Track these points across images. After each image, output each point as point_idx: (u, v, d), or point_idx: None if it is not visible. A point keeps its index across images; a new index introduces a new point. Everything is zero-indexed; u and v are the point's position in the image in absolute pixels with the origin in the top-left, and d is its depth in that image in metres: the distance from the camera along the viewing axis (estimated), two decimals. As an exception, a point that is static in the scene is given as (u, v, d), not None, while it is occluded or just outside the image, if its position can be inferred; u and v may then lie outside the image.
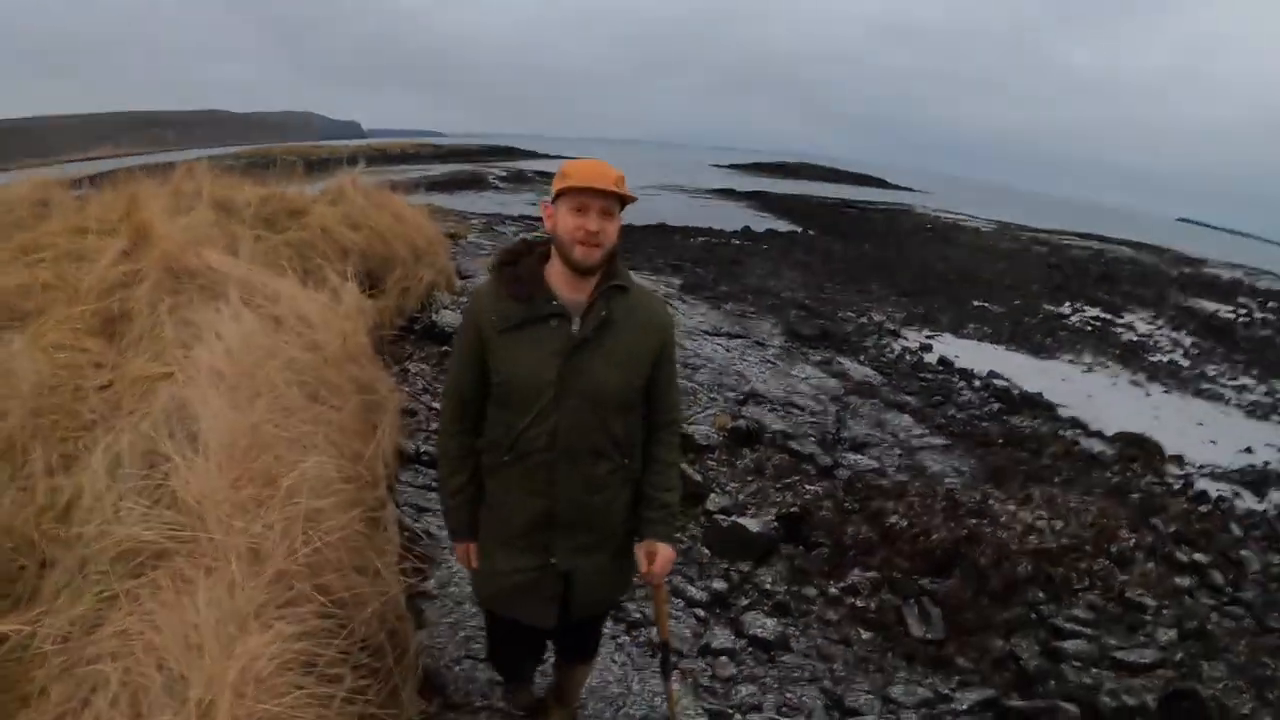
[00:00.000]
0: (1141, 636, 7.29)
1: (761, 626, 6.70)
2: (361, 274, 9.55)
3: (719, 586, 7.21)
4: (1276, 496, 13.23)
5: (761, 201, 59.35)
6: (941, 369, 18.05)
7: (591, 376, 3.52)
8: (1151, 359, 22.57)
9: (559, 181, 3.46)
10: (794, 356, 16.27)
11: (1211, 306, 32.77)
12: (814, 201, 61.53)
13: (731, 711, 5.63)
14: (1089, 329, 25.43)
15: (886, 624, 7.14)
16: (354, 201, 13.34)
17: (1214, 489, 12.91)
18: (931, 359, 18.76)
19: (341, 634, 3.62)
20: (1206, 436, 16.31)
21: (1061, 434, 14.35)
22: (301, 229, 11.77)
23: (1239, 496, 12.93)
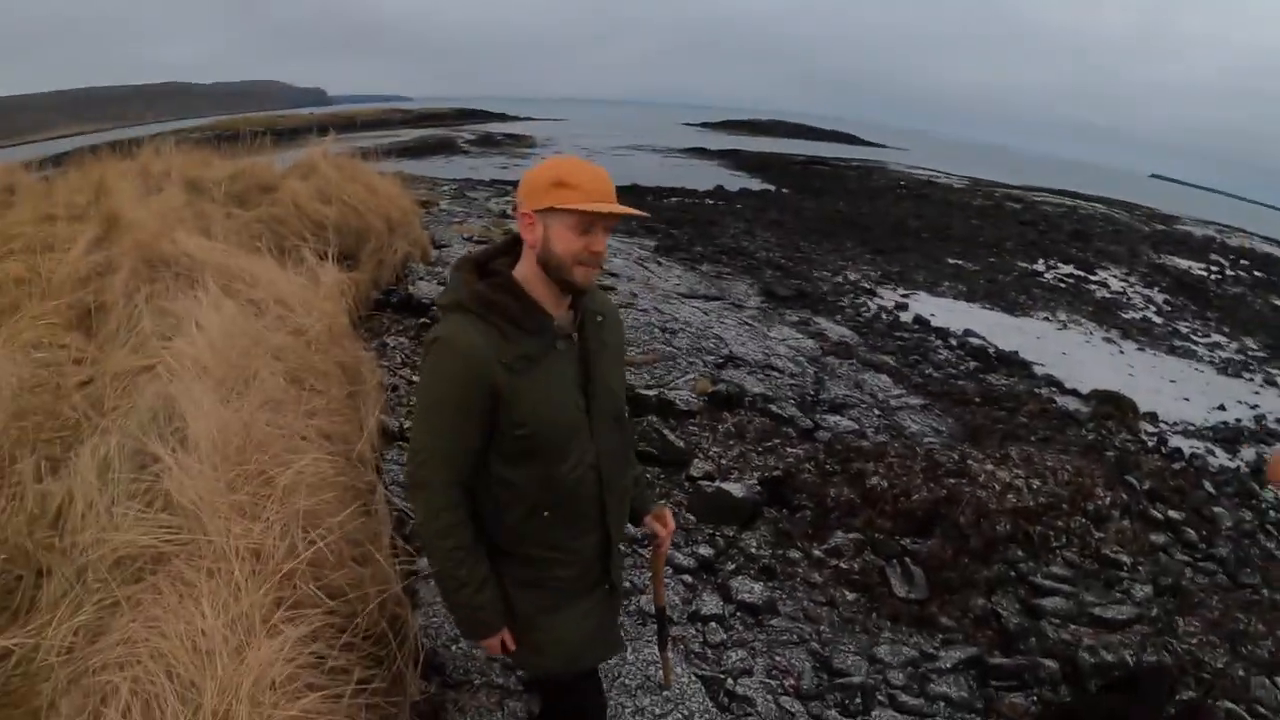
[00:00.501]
0: (1118, 593, 7.40)
1: (749, 591, 6.74)
2: (336, 249, 9.46)
3: (705, 552, 7.23)
4: (1248, 453, 13.45)
5: (734, 160, 59.26)
6: (918, 328, 18.10)
7: (608, 390, 3.26)
8: (1125, 316, 22.72)
9: (559, 194, 2.86)
10: (771, 318, 16.32)
11: (1184, 264, 32.88)
12: (787, 159, 61.39)
13: (724, 677, 5.67)
14: (1063, 286, 25.49)
15: (870, 585, 7.17)
16: (326, 175, 13.28)
17: (1187, 446, 13.12)
18: (907, 318, 18.80)
19: (346, 628, 3.61)
20: (1179, 394, 16.54)
21: (1037, 392, 14.47)
22: (273, 205, 11.79)
23: (1211, 454, 13.15)
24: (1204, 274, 31.42)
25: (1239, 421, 15.12)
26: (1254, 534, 9.69)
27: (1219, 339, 21.55)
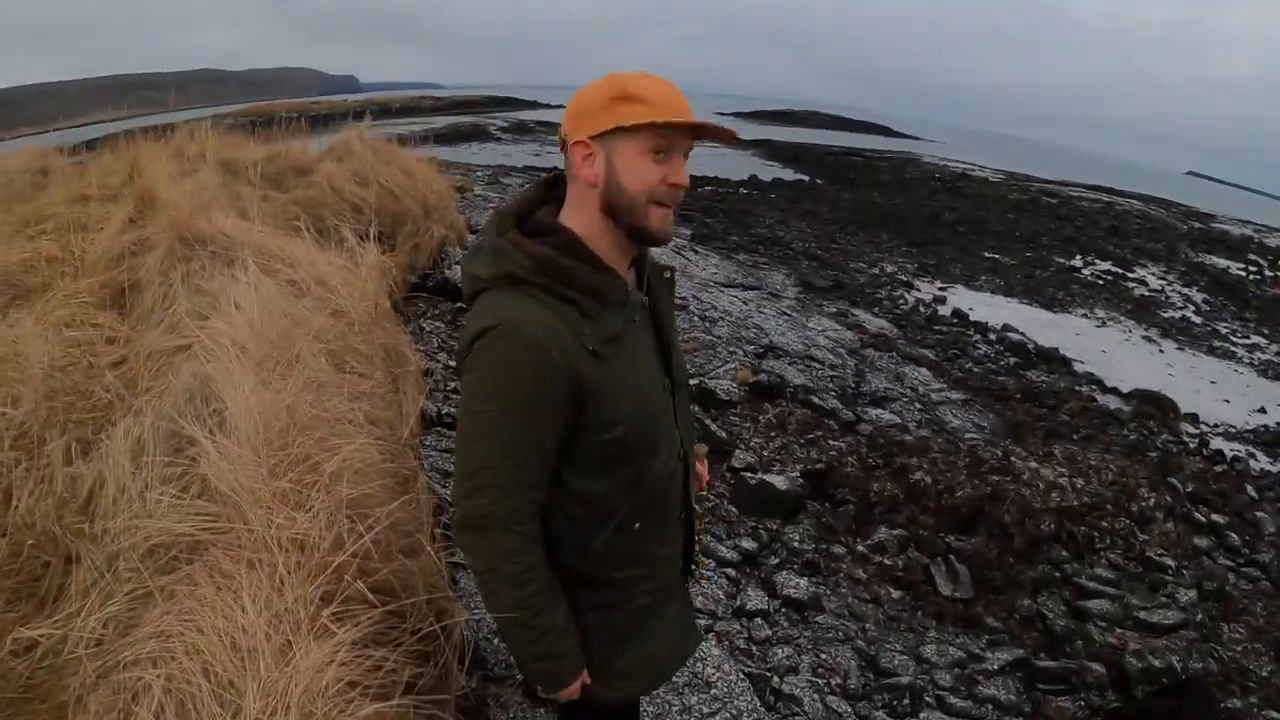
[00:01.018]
0: (1162, 597, 7.30)
1: (794, 587, 6.64)
2: (376, 229, 9.36)
3: (748, 545, 7.14)
4: (1290, 458, 13.23)
5: (767, 150, 59.12)
6: (956, 321, 18.01)
7: (681, 362, 2.74)
8: (1164, 315, 22.47)
9: (625, 109, 2.24)
10: (809, 308, 16.22)
11: (1222, 263, 32.46)
12: (820, 150, 61.30)
13: (770, 674, 5.56)
14: (1100, 283, 25.26)
15: (914, 582, 7.11)
16: (362, 157, 13.13)
17: (1229, 449, 12.87)
18: (945, 311, 18.71)
19: (395, 625, 3.36)
20: (1220, 395, 16.31)
21: (1078, 390, 14.33)
22: (309, 187, 11.71)
23: (1253, 457, 12.91)
24: (1242, 274, 31.03)
25: (1280, 426, 14.87)
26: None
27: (1259, 340, 21.24)
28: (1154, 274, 27.94)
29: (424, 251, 12.29)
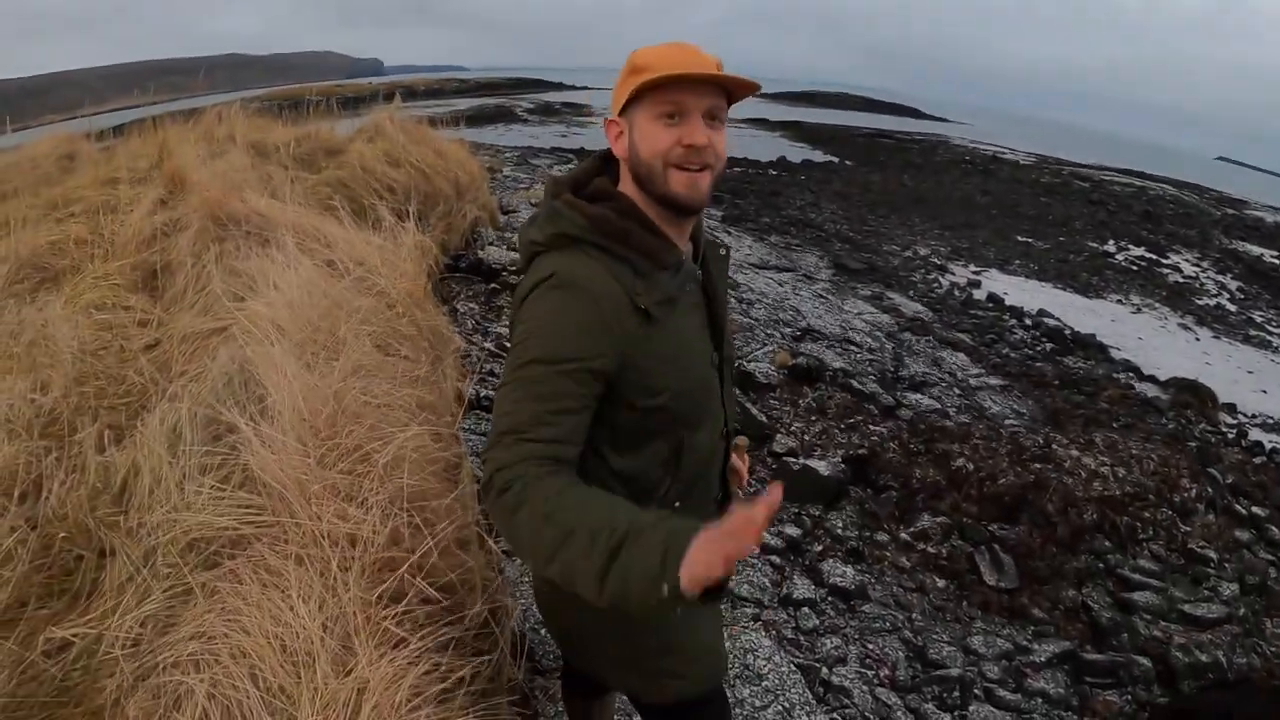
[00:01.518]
0: (1205, 590, 7.24)
1: (841, 575, 6.61)
2: (415, 208, 9.29)
3: (792, 532, 7.09)
4: (1330, 452, 13.06)
5: (796, 131, 58.94)
6: (991, 306, 17.86)
7: (729, 339, 2.64)
8: (1198, 302, 22.20)
9: (630, 79, 2.21)
10: (844, 291, 16.15)
11: (1255, 250, 32.08)
12: (849, 132, 61.09)
13: (819, 665, 5.52)
14: (1134, 269, 25.00)
15: (959, 571, 7.06)
16: (393, 138, 13.07)
17: (1268, 440, 12.69)
18: (980, 295, 18.57)
19: (454, 622, 3.20)
20: (1257, 385, 16.09)
21: (1115, 377, 14.19)
22: (340, 168, 11.66)
23: (1293, 449, 12.75)
24: (1276, 261, 30.66)
25: (1320, 417, 14.67)
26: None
27: (1296, 330, 20.93)
28: (1188, 260, 27.66)
29: (456, 232, 12.27)
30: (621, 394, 2.23)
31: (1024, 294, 19.31)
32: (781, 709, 4.81)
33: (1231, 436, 12.48)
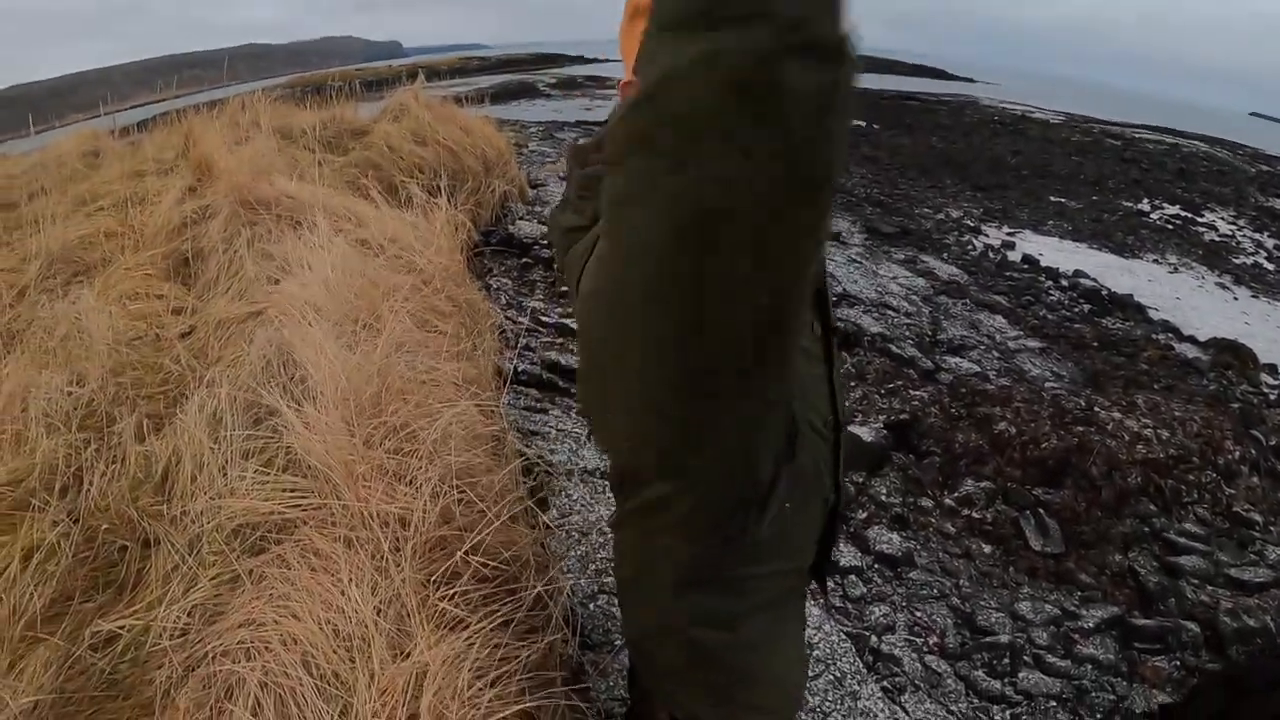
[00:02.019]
0: (1251, 554, 7.13)
1: (887, 542, 6.60)
2: (446, 183, 9.28)
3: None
4: (1370, 414, 12.90)
5: (821, 97, 58.73)
6: (1027, 267, 17.58)
7: (830, 305, 2.19)
8: (1235, 261, 21.78)
9: (640, 23, 1.54)
10: (877, 255, 15.97)
11: (1292, 208, 31.85)
12: (875, 95, 60.62)
13: (867, 634, 5.51)
14: (1170, 227, 24.59)
15: (1004, 537, 7.01)
16: (418, 116, 13.09)
17: (1309, 402, 12.57)
18: (1015, 257, 18.29)
19: (508, 601, 3.11)
20: (1298, 345, 15.88)
21: (1155, 338, 13.96)
22: (367, 148, 11.72)
23: (1334, 411, 12.60)
24: (1315, 220, 30.36)
25: (1360, 379, 14.48)
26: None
27: (1335, 290, 20.64)
28: (1223, 219, 27.22)
29: (486, 208, 12.24)
30: None
31: (1059, 254, 19.02)
32: (833, 678, 4.78)
33: (1274, 398, 12.25)
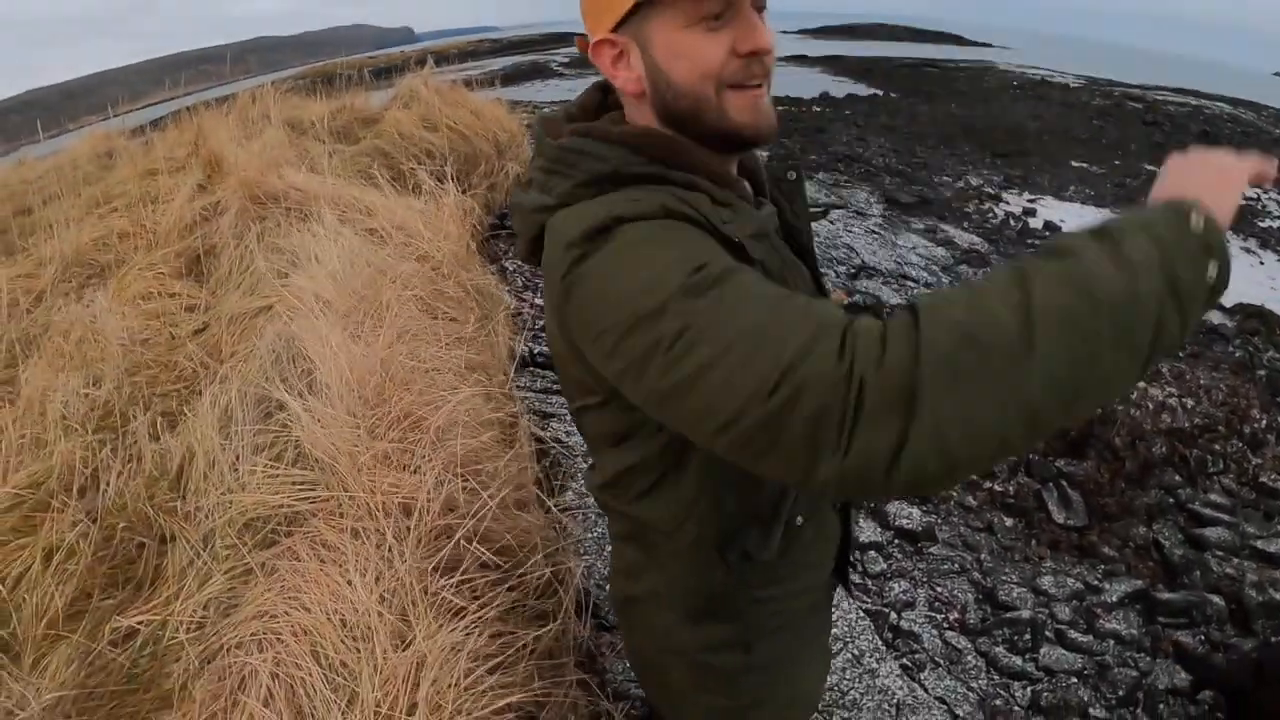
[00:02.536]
0: (1278, 526, 7.06)
1: (907, 517, 6.52)
2: (454, 169, 9.30)
3: (856, 475, 6.95)
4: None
5: (837, 65, 58.25)
6: (1048, 234, 17.21)
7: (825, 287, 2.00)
8: (1261, 224, 21.47)
9: None
10: (896, 225, 15.87)
11: (1318, 168, 31.56)
12: (892, 63, 60.35)
13: (887, 610, 5.47)
14: (1194, 191, 24.54)
15: (1026, 510, 6.96)
16: (428, 102, 13.09)
17: (1337, 368, 12.48)
18: (1037, 224, 18.10)
19: (515, 587, 3.16)
20: (1325, 311, 15.74)
21: (1179, 303, 13.90)
22: (377, 136, 11.70)
23: (1362, 381, 12.50)
24: (1341, 181, 30.03)
25: (1390, 348, 14.34)
26: None
27: (1364, 255, 20.44)
28: (1249, 181, 27.11)
29: (500, 190, 12.17)
30: None
31: (1081, 221, 18.65)
32: (851, 656, 4.76)
33: (1301, 365, 12.25)
